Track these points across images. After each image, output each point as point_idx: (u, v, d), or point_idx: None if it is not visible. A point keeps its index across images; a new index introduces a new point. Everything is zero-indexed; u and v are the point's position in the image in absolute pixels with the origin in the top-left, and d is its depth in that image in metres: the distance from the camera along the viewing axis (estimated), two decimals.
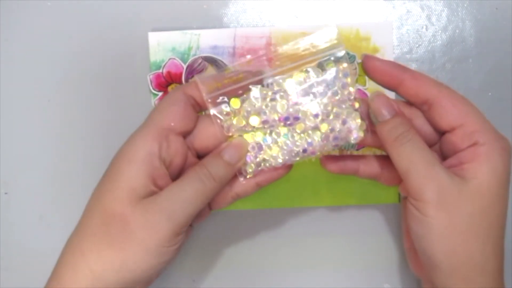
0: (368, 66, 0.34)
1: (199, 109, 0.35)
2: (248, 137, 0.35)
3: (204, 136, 0.35)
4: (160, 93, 0.43)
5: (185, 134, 0.35)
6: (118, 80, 0.44)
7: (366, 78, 0.42)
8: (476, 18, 0.44)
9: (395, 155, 0.32)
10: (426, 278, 0.35)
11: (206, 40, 0.43)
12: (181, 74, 0.43)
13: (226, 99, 0.34)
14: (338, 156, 0.37)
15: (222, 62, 0.43)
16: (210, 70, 0.43)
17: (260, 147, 0.35)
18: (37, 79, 0.44)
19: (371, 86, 0.42)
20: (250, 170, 0.35)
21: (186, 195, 0.32)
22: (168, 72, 0.43)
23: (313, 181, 0.43)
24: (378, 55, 0.43)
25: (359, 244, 0.44)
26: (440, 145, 0.35)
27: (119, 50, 0.44)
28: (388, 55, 0.43)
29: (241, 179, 0.35)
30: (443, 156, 0.35)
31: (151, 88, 0.43)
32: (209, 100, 0.34)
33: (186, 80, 0.43)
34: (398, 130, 0.32)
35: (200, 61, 0.43)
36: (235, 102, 0.34)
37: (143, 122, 0.34)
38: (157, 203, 0.32)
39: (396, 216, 0.44)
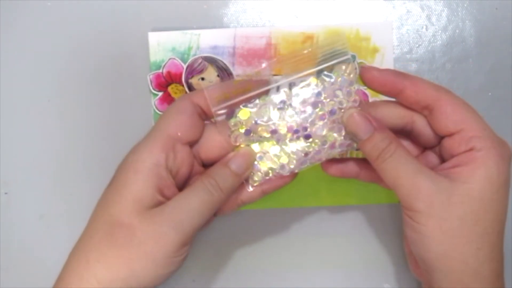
0: (366, 78, 0.34)
1: (205, 117, 0.35)
2: (256, 147, 0.35)
3: (210, 146, 0.35)
4: (160, 93, 0.43)
5: (192, 144, 0.35)
6: (118, 80, 0.44)
7: None
8: (476, 18, 0.44)
9: (380, 172, 0.33)
10: (425, 280, 0.35)
11: (206, 40, 0.43)
12: (181, 74, 0.43)
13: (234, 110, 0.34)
14: (339, 160, 0.37)
15: (222, 62, 0.43)
16: (210, 70, 0.43)
17: (268, 157, 0.35)
18: (37, 79, 0.44)
19: None
20: (257, 179, 0.35)
21: (193, 206, 0.32)
22: (168, 72, 0.43)
23: (313, 181, 0.43)
24: (378, 55, 0.43)
25: (359, 244, 0.43)
26: (439, 148, 0.35)
27: (119, 50, 0.44)
28: (388, 55, 0.43)
29: (249, 188, 0.36)
30: (442, 159, 0.35)
31: (151, 88, 0.43)
32: (217, 112, 0.34)
33: (186, 80, 0.43)
34: (379, 148, 0.32)
35: (200, 61, 0.43)
36: (244, 113, 0.34)
37: (149, 130, 0.34)
38: (164, 214, 0.32)
39: (396, 216, 0.44)
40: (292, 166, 0.35)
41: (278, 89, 0.34)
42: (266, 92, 0.34)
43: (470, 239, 0.31)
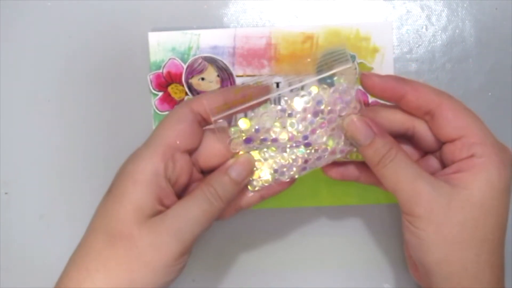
0: (367, 85, 0.34)
1: (205, 124, 0.35)
2: (256, 154, 0.35)
3: (209, 154, 0.35)
4: (160, 93, 0.43)
5: (191, 152, 0.35)
6: (118, 80, 0.44)
7: None
8: (476, 18, 0.44)
9: (381, 177, 0.33)
10: (425, 284, 0.35)
11: (206, 40, 0.43)
12: (181, 74, 0.43)
13: (234, 119, 0.34)
14: (339, 163, 0.37)
15: (222, 62, 0.43)
16: (210, 70, 0.43)
17: (268, 164, 0.35)
18: (37, 79, 0.44)
19: None
20: (256, 185, 0.35)
21: (193, 215, 0.32)
22: (168, 72, 0.43)
23: (313, 181, 0.43)
24: (378, 55, 0.43)
25: (359, 244, 0.44)
26: (440, 153, 0.35)
27: (119, 50, 0.44)
28: (388, 55, 0.43)
29: (250, 193, 0.36)
30: (443, 164, 0.35)
31: (151, 88, 0.43)
32: (217, 120, 0.33)
33: (186, 80, 0.43)
34: (380, 153, 0.32)
35: (200, 61, 0.43)
36: (244, 122, 0.34)
37: (148, 138, 0.34)
38: (164, 223, 0.31)
39: (396, 216, 0.44)
40: (292, 173, 0.35)
41: (279, 97, 0.34)
42: (267, 100, 0.34)
43: (470, 245, 0.31)
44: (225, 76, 0.43)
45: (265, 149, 0.34)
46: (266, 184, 0.35)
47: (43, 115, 0.44)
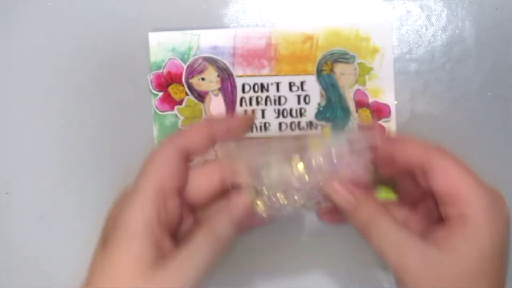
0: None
1: (190, 158, 0.34)
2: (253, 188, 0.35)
3: (199, 190, 0.35)
4: (161, 93, 0.43)
5: (180, 191, 0.34)
6: (118, 80, 0.44)
7: (366, 77, 0.43)
8: (476, 18, 0.44)
9: (367, 242, 0.33)
10: None
11: (206, 40, 0.43)
12: (181, 74, 0.43)
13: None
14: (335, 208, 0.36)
15: (222, 62, 0.43)
16: (210, 71, 0.43)
17: (262, 200, 0.35)
18: (37, 79, 0.44)
19: (370, 87, 0.43)
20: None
21: (198, 264, 0.32)
22: (169, 72, 0.43)
23: None
24: (378, 55, 0.43)
25: (359, 244, 0.43)
26: (431, 203, 0.34)
27: (119, 50, 0.44)
28: (388, 55, 0.43)
29: None
30: (433, 212, 0.34)
31: (151, 88, 0.43)
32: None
33: (187, 80, 0.43)
34: (362, 219, 0.33)
35: (200, 61, 0.43)
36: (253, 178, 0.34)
37: (136, 181, 0.33)
38: (169, 273, 0.31)
39: None
40: (279, 215, 0.35)
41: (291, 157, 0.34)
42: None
43: None
44: (225, 76, 0.43)
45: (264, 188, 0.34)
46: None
47: (43, 115, 0.44)
